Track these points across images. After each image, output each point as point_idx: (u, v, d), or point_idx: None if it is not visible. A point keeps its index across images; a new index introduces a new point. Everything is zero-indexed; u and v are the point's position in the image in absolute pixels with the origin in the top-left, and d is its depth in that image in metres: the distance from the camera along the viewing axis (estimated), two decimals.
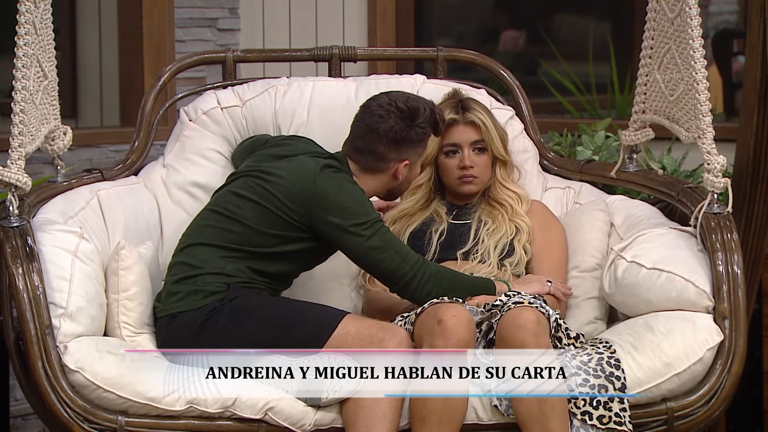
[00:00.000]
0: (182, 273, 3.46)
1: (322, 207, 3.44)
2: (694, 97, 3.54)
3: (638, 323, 3.49)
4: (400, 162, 3.56)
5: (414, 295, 3.45)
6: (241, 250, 3.46)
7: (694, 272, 3.46)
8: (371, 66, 5.02)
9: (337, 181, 3.47)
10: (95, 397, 3.26)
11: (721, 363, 3.39)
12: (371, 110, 3.55)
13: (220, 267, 3.43)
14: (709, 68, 3.53)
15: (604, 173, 3.98)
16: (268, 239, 3.47)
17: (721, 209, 3.54)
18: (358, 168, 3.56)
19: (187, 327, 3.38)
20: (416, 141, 3.55)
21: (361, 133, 3.56)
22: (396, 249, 3.45)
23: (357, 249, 3.45)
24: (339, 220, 3.43)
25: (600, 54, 5.56)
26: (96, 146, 4.98)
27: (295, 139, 3.72)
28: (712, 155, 3.52)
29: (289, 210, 3.46)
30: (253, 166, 3.58)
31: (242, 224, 3.48)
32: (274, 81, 4.01)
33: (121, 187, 3.81)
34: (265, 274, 3.48)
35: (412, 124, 3.53)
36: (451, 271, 3.53)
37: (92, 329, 3.36)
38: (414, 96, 3.60)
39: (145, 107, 3.91)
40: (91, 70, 5.38)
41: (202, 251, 3.47)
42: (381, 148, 3.53)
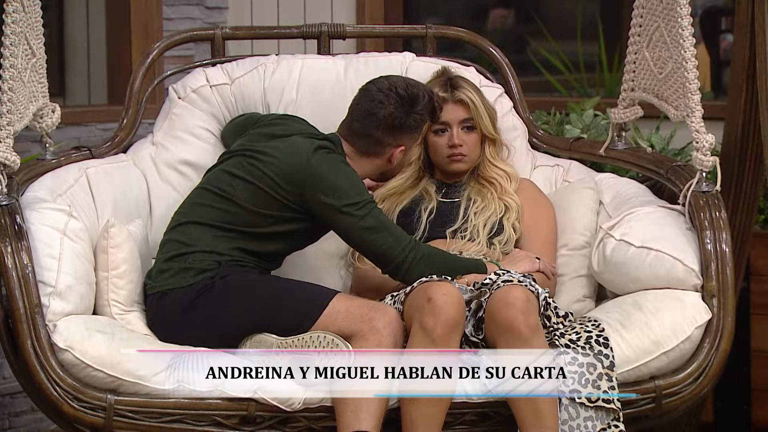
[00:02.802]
0: (174, 250, 3.46)
1: (315, 187, 3.43)
2: (683, 76, 3.54)
3: (627, 301, 3.50)
4: (396, 147, 3.56)
5: (406, 276, 3.45)
6: (233, 229, 3.46)
7: (683, 251, 3.47)
8: (360, 44, 5.01)
9: (331, 162, 3.46)
10: (84, 376, 3.26)
11: (709, 341, 3.40)
12: (371, 94, 3.54)
13: (212, 245, 3.43)
14: (697, 46, 3.53)
15: (593, 151, 3.97)
16: (260, 219, 3.46)
17: (709, 187, 3.54)
18: (354, 150, 3.56)
19: (178, 304, 3.38)
20: (413, 127, 3.56)
21: (359, 116, 3.56)
22: (389, 230, 3.45)
23: (350, 229, 3.44)
24: (332, 201, 3.42)
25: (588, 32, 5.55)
26: (84, 124, 4.97)
27: (288, 119, 3.72)
28: (700, 133, 3.52)
29: (282, 190, 3.46)
30: (247, 146, 3.57)
31: (235, 203, 3.47)
32: (263, 59, 4.00)
33: (109, 164, 3.80)
34: (256, 253, 3.48)
35: (411, 110, 3.53)
36: (443, 253, 3.53)
37: (81, 308, 3.36)
38: (414, 82, 3.60)
39: (133, 85, 3.90)
40: (79, 47, 5.36)
41: (195, 229, 3.46)
42: (379, 133, 3.53)
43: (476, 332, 3.37)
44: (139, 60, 3.99)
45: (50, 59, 3.78)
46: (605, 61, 5.30)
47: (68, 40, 5.40)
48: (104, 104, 5.22)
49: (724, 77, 5.52)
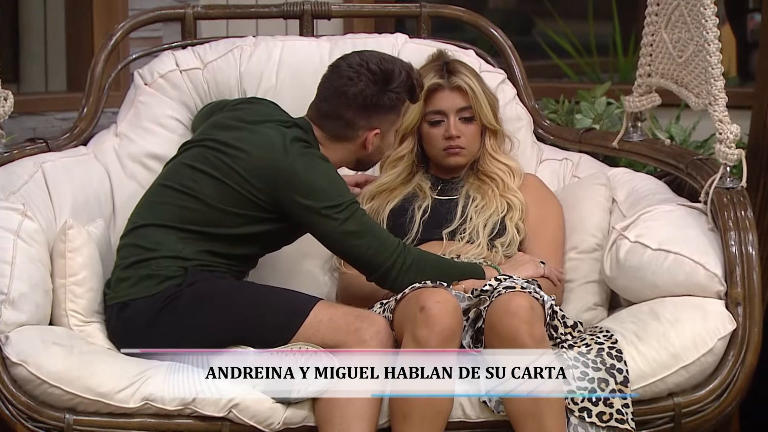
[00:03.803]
0: (134, 256, 3.43)
1: (290, 186, 3.41)
2: (705, 59, 3.54)
3: (642, 310, 3.50)
4: (370, 130, 3.53)
5: (394, 284, 3.43)
6: (198, 231, 3.43)
7: (705, 253, 3.47)
8: (347, 24, 5.01)
9: (308, 158, 3.44)
10: (40, 393, 3.26)
11: (733, 354, 3.41)
12: (340, 71, 3.52)
13: (177, 249, 3.41)
14: (721, 27, 3.55)
15: (605, 143, 3.98)
16: (229, 219, 3.44)
17: (734, 183, 3.55)
18: (324, 135, 3.54)
19: (141, 315, 3.36)
20: (389, 107, 3.52)
21: (328, 95, 3.53)
22: (374, 234, 3.43)
23: (330, 233, 3.42)
24: (310, 202, 3.40)
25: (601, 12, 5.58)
26: (40, 114, 5.00)
27: (255, 103, 3.69)
28: (724, 124, 3.52)
29: (252, 188, 3.43)
30: (210, 135, 3.54)
31: (200, 201, 3.45)
32: (239, 41, 4.00)
33: (68, 158, 3.80)
34: (226, 256, 3.46)
35: (385, 88, 3.50)
36: (436, 257, 3.51)
37: (37, 317, 3.37)
38: (390, 57, 3.57)
39: (94, 70, 3.90)
40: (35, 29, 5.38)
41: (155, 232, 3.44)
42: (349, 113, 3.50)
43: (475, 344, 3.37)
44: (102, 42, 3.99)
45: (3, 41, 3.78)
46: (620, 43, 5.34)
47: (23, 20, 5.40)
48: (63, 91, 5.26)
49: (752, 61, 5.54)
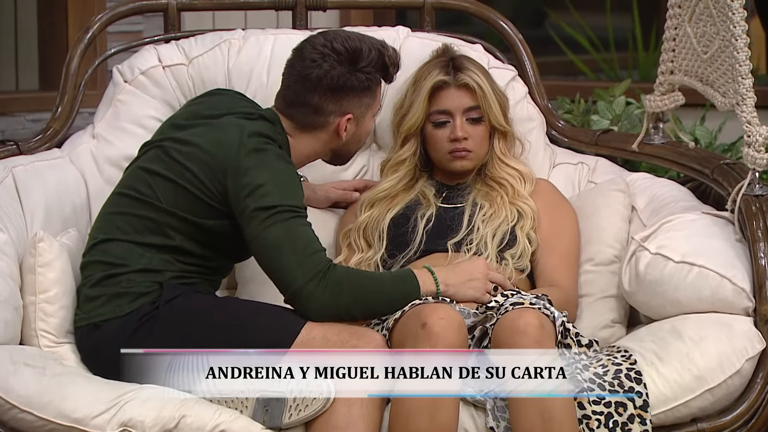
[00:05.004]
0: (101, 272, 3.41)
1: (238, 182, 3.36)
2: (732, 55, 3.55)
3: (664, 328, 3.51)
4: (342, 116, 3.51)
5: (303, 309, 3.34)
6: (161, 241, 3.41)
7: (731, 266, 3.48)
8: (344, 16, 5.02)
9: (261, 155, 3.39)
10: (9, 419, 3.26)
11: (762, 376, 3.42)
12: (303, 54, 3.50)
13: (144, 262, 3.40)
14: (750, 21, 3.55)
15: (624, 146, 3.99)
16: (188, 226, 3.41)
17: (763, 190, 3.56)
18: (292, 125, 3.52)
19: (115, 337, 3.35)
20: (360, 89, 3.50)
21: (291, 81, 3.52)
22: (296, 248, 3.33)
23: (251, 240, 3.36)
24: (248, 201, 3.35)
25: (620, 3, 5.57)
26: (10, 114, 4.98)
27: (218, 94, 3.66)
28: (753, 125, 3.53)
29: (205, 188, 3.40)
30: (166, 134, 3.51)
31: (157, 208, 3.42)
32: (226, 34, 4.01)
33: (41, 162, 3.80)
34: (197, 264, 3.44)
35: (354, 68, 3.48)
36: (366, 277, 3.43)
37: (6, 337, 3.36)
38: (357, 35, 3.54)
39: (69, 66, 3.90)
40: (4, 22, 5.36)
41: (117, 247, 3.42)
42: (316, 98, 3.49)
43: None
44: (77, 36, 3.99)
45: None
46: (640, 37, 5.32)
47: None
48: (35, 90, 5.23)
49: None
